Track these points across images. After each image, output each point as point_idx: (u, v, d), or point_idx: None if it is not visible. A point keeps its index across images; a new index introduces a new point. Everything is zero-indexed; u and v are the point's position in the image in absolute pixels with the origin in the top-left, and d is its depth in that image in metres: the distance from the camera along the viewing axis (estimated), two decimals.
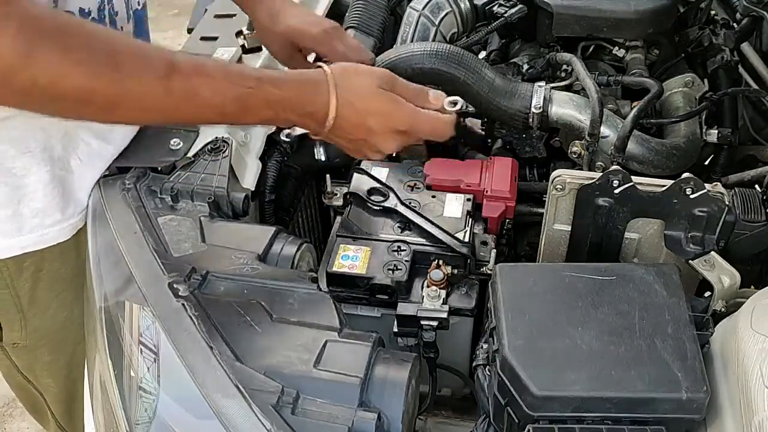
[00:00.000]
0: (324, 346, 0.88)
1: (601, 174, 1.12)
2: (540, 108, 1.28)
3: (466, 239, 1.16)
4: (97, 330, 1.00)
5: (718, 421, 0.90)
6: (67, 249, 1.17)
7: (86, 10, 1.10)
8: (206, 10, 1.49)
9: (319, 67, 1.05)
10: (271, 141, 1.27)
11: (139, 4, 1.24)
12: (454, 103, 1.14)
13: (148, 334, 0.92)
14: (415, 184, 1.27)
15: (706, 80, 1.49)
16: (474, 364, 1.05)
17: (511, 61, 1.51)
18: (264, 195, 1.24)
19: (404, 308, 1.08)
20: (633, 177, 1.11)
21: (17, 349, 1.28)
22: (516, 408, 0.91)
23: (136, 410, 0.91)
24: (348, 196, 1.25)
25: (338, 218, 1.24)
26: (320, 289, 0.97)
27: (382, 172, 1.29)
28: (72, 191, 1.13)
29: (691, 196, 1.09)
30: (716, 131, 1.42)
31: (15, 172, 1.07)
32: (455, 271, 1.13)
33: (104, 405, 0.99)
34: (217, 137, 1.16)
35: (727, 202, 1.09)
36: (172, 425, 0.87)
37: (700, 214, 1.10)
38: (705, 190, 1.09)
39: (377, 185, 1.24)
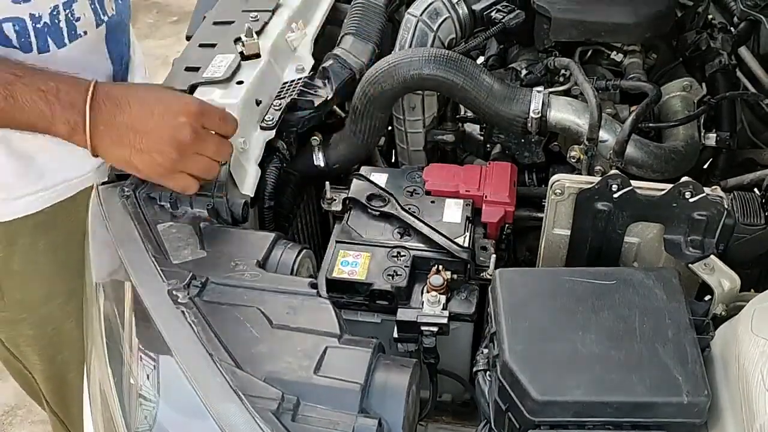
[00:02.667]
0: (324, 352, 0.88)
1: (600, 178, 1.12)
2: (538, 113, 1.28)
3: (466, 244, 1.16)
4: (96, 337, 1.00)
5: (720, 424, 0.89)
6: (41, 223, 1.17)
7: (37, 15, 1.09)
8: (205, 17, 1.49)
9: None
10: (271, 147, 1.27)
11: (113, 11, 1.22)
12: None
13: (147, 342, 0.92)
14: (415, 190, 1.27)
15: (704, 84, 1.50)
16: (474, 369, 1.05)
17: (510, 66, 1.51)
18: (263, 201, 1.24)
19: (404, 314, 1.08)
20: (632, 181, 1.11)
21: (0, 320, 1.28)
22: (517, 413, 0.90)
23: (135, 418, 0.91)
24: (347, 202, 1.25)
25: (337, 224, 1.24)
26: (320, 296, 0.97)
27: (381, 178, 1.29)
28: (38, 165, 1.13)
29: (691, 200, 1.09)
30: (715, 135, 1.43)
31: None
32: (455, 277, 1.13)
33: (104, 413, 0.99)
34: None
35: (726, 206, 1.10)
36: None
37: (700, 217, 1.10)
38: (704, 194, 1.09)
39: (377, 191, 1.24)
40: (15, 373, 1.47)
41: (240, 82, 1.25)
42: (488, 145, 1.50)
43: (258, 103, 1.26)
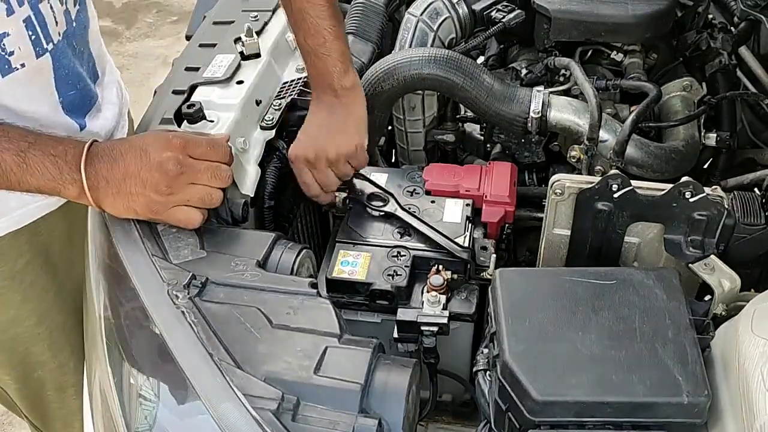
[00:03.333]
0: (324, 352, 0.88)
1: (601, 178, 1.12)
2: (539, 113, 1.28)
3: (466, 244, 1.16)
4: (97, 338, 1.00)
5: (720, 424, 0.89)
6: (4, 248, 1.17)
7: None
8: (205, 16, 1.49)
9: None
10: (271, 147, 1.27)
11: (60, 36, 1.13)
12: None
13: (147, 342, 0.92)
14: (415, 190, 1.27)
15: (704, 84, 1.50)
16: (474, 369, 1.05)
17: (510, 66, 1.51)
18: (263, 201, 1.24)
19: (404, 314, 1.08)
20: (632, 181, 1.11)
21: None
22: (517, 413, 0.90)
23: (136, 418, 0.91)
24: (347, 202, 1.25)
25: (338, 224, 1.23)
26: (320, 295, 0.97)
27: (381, 178, 1.29)
28: None
29: (691, 200, 1.09)
30: (715, 135, 1.43)
31: None
32: (455, 276, 1.13)
33: (104, 413, 0.99)
34: None
35: (726, 206, 1.09)
36: None
37: (700, 217, 1.10)
38: (704, 194, 1.09)
39: (377, 191, 1.24)
40: None
41: (240, 82, 1.25)
42: (488, 145, 1.50)
43: (258, 102, 1.26)
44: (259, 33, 1.35)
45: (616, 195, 1.11)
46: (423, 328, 1.07)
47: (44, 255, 1.26)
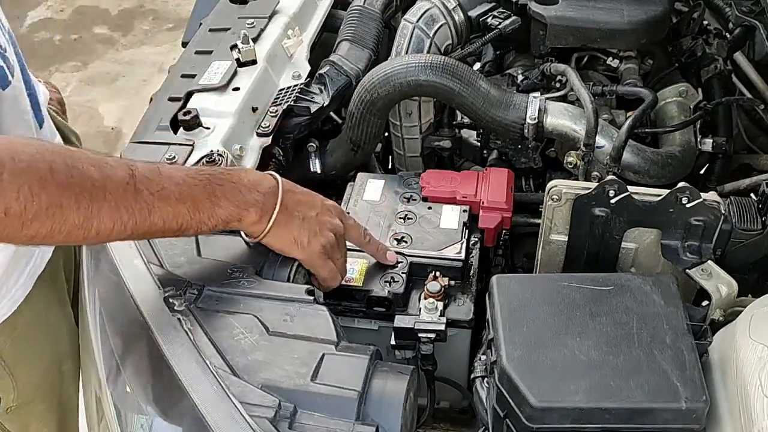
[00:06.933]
0: (321, 359, 0.88)
1: (597, 184, 1.12)
2: (535, 119, 1.28)
3: (462, 251, 1.15)
4: (92, 346, 0.99)
5: (718, 430, 0.89)
6: (33, 297, 1.17)
7: None
8: (201, 24, 1.49)
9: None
10: (267, 154, 1.27)
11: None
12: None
13: (144, 350, 0.92)
14: (411, 196, 1.27)
15: (700, 90, 1.50)
16: (472, 376, 1.04)
17: (506, 72, 1.51)
18: None
19: (401, 321, 1.08)
20: (629, 187, 1.11)
21: (11, 414, 1.26)
22: (515, 420, 0.90)
23: (132, 426, 0.91)
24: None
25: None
26: (317, 302, 0.97)
27: (378, 184, 1.29)
28: None
29: (687, 206, 1.09)
30: (711, 140, 1.43)
31: None
32: (452, 283, 1.13)
33: (100, 421, 0.98)
34: (212, 150, 1.16)
35: (723, 211, 1.10)
36: None
37: (697, 223, 1.10)
38: (701, 199, 1.09)
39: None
40: None
41: (236, 89, 1.25)
42: (485, 151, 1.50)
43: (254, 109, 1.26)
44: (255, 40, 1.35)
45: (613, 201, 1.11)
46: (420, 335, 1.06)
47: (60, 293, 1.27)
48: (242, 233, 1.04)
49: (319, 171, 1.36)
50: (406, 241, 1.18)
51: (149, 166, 0.90)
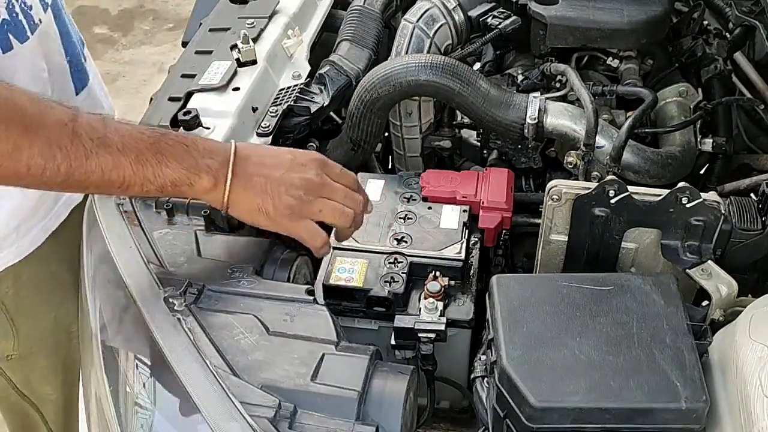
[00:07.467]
0: (321, 359, 0.88)
1: (597, 184, 1.12)
2: (535, 119, 1.28)
3: (463, 251, 1.15)
4: (92, 345, 0.99)
5: (718, 430, 0.89)
6: (43, 252, 1.17)
7: None
8: (201, 23, 1.49)
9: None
10: None
11: None
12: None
13: (143, 350, 0.92)
14: (411, 196, 1.27)
15: (700, 90, 1.50)
16: (472, 376, 1.04)
17: (506, 72, 1.51)
18: None
19: (401, 321, 1.08)
20: (629, 186, 1.11)
21: (12, 362, 1.27)
22: (515, 420, 0.90)
23: (132, 426, 0.91)
24: None
25: (334, 230, 1.23)
26: (317, 302, 0.97)
27: (378, 184, 1.29)
28: (39, 194, 1.13)
29: (687, 206, 1.09)
30: (711, 140, 1.43)
31: None
32: (452, 283, 1.13)
33: (100, 421, 0.98)
34: None
35: (723, 211, 1.10)
36: None
37: (697, 223, 1.10)
38: (701, 199, 1.09)
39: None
40: (16, 419, 1.44)
41: (236, 89, 1.25)
42: (485, 151, 1.50)
43: (254, 109, 1.26)
44: (255, 40, 1.35)
45: (613, 201, 1.11)
46: (420, 335, 1.06)
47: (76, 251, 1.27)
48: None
49: None
50: (406, 241, 1.18)
51: (95, 116, 0.89)
